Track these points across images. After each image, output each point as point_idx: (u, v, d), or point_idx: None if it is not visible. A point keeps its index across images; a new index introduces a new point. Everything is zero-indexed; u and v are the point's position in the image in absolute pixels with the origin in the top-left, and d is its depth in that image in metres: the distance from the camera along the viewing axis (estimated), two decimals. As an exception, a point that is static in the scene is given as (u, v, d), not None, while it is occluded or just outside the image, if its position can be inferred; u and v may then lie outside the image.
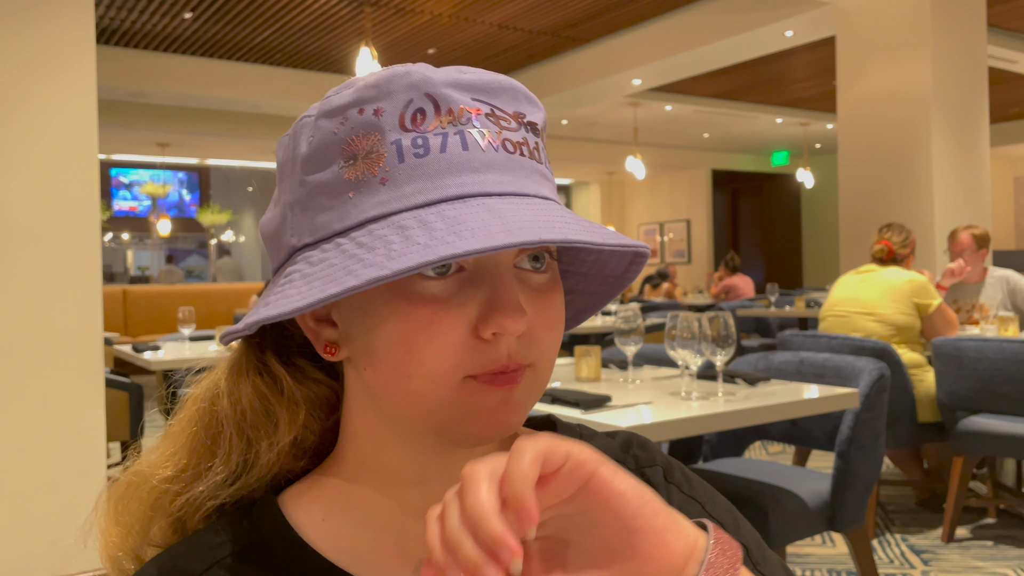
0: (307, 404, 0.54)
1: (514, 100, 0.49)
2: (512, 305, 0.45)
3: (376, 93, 0.47)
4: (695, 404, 1.89)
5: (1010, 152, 13.20)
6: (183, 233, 17.10)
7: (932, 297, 3.34)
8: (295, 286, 0.46)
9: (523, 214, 0.44)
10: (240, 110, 9.49)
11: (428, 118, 0.46)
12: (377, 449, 0.51)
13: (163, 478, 0.53)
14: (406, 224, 0.44)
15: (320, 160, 0.48)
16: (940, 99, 5.36)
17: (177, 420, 0.56)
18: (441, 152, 0.45)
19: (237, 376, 0.54)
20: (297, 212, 0.49)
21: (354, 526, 0.52)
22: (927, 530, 3.26)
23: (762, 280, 13.53)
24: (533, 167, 0.48)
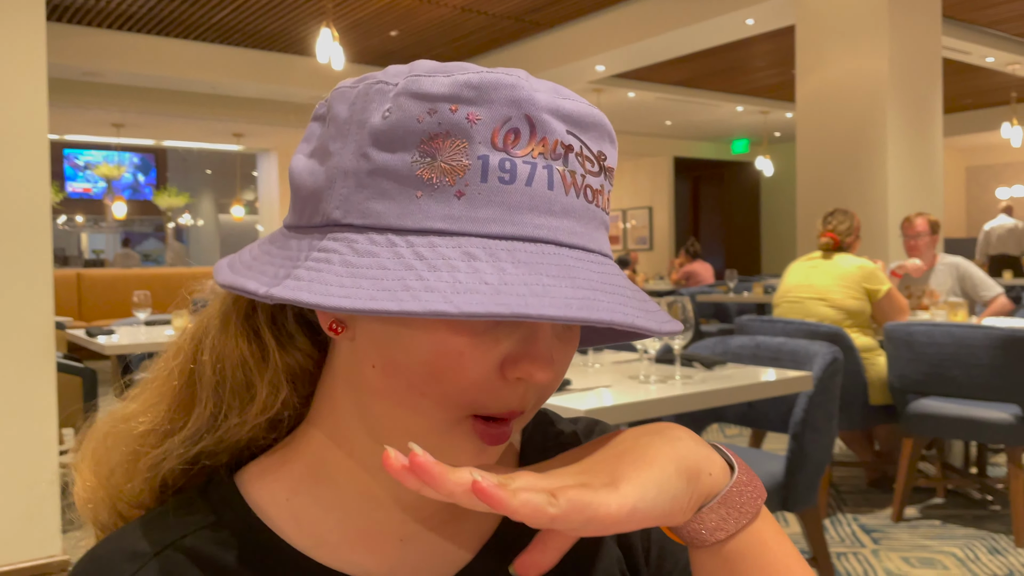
0: (289, 377, 0.52)
1: (600, 139, 0.47)
2: (545, 356, 0.45)
3: (475, 96, 0.44)
4: (653, 387, 1.91)
5: (962, 142, 13.51)
6: (139, 216, 16.78)
7: (881, 283, 3.41)
8: (335, 272, 0.42)
9: (592, 280, 0.43)
10: (197, 91, 9.32)
11: (521, 142, 0.43)
12: (351, 435, 0.50)
13: (141, 432, 0.52)
14: (475, 253, 0.41)
15: (393, 142, 0.44)
16: (895, 89, 5.46)
17: (158, 369, 0.55)
18: (527, 184, 0.43)
19: (224, 331, 0.52)
20: (351, 184, 0.44)
21: (319, 508, 0.51)
22: (877, 510, 3.35)
23: (722, 266, 13.71)
24: (602, 219, 0.48)
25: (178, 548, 0.49)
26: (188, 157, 16.44)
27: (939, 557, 2.85)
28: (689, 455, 0.45)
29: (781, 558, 0.47)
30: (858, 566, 2.78)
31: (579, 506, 0.40)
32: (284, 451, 0.53)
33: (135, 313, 3.97)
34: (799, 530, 3.07)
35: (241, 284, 0.45)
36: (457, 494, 0.39)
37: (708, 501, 0.45)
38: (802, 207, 5.87)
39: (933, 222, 3.93)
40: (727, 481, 0.46)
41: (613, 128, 0.49)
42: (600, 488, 0.41)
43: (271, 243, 0.49)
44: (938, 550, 2.91)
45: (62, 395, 2.85)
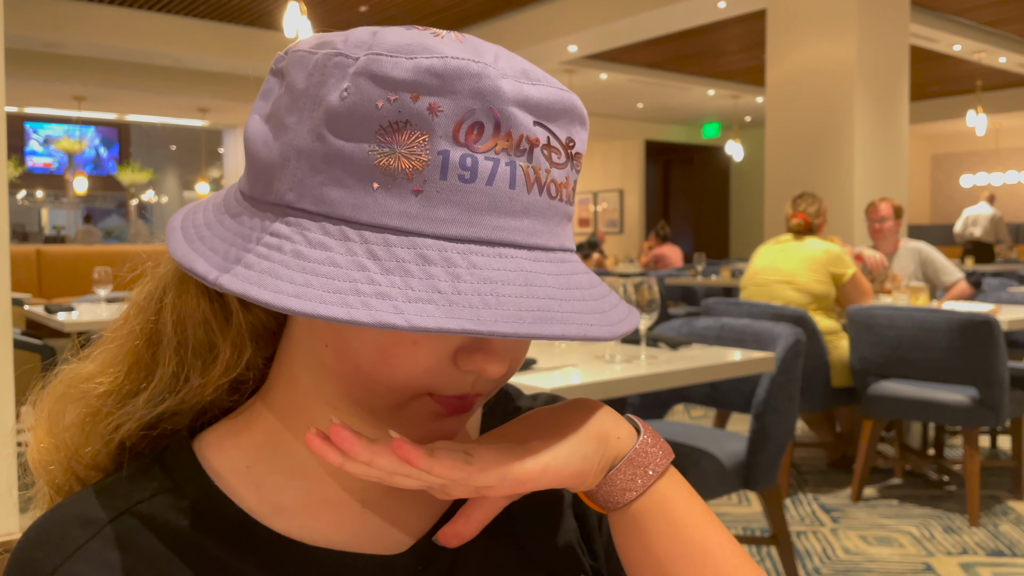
0: (252, 337, 0.51)
1: (569, 124, 0.46)
2: (499, 352, 0.45)
3: (438, 85, 0.41)
4: (619, 367, 1.91)
5: (928, 129, 13.71)
6: (101, 192, 16.46)
7: (847, 267, 3.45)
8: (286, 264, 0.40)
9: (548, 288, 0.42)
10: (161, 63, 9.13)
11: (484, 136, 0.42)
12: (313, 403, 0.50)
13: (100, 393, 0.51)
14: (429, 256, 0.40)
15: (351, 127, 0.42)
16: (863, 75, 5.51)
17: (116, 328, 0.53)
18: (487, 184, 0.42)
19: (184, 291, 0.50)
20: (304, 167, 0.43)
21: (280, 475, 0.50)
22: (837, 490, 3.41)
23: (691, 250, 13.81)
24: (565, 212, 0.46)
25: (133, 514, 0.48)
26: (152, 132, 16.14)
27: (896, 536, 2.90)
28: (598, 421, 0.49)
29: (688, 515, 0.49)
30: (817, 544, 2.83)
31: (494, 462, 0.43)
32: (244, 416, 0.53)
33: (96, 290, 3.90)
34: (760, 509, 3.11)
35: (191, 263, 0.44)
36: (377, 460, 0.41)
37: (617, 462, 0.49)
38: (770, 192, 5.92)
39: (897, 207, 3.99)
40: (634, 443, 0.49)
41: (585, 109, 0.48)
42: (514, 447, 0.45)
43: (225, 208, 0.47)
44: (895, 529, 2.97)
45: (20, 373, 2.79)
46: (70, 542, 0.47)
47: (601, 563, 0.59)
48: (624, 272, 8.19)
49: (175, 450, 0.51)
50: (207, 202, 0.50)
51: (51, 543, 0.47)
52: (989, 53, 8.89)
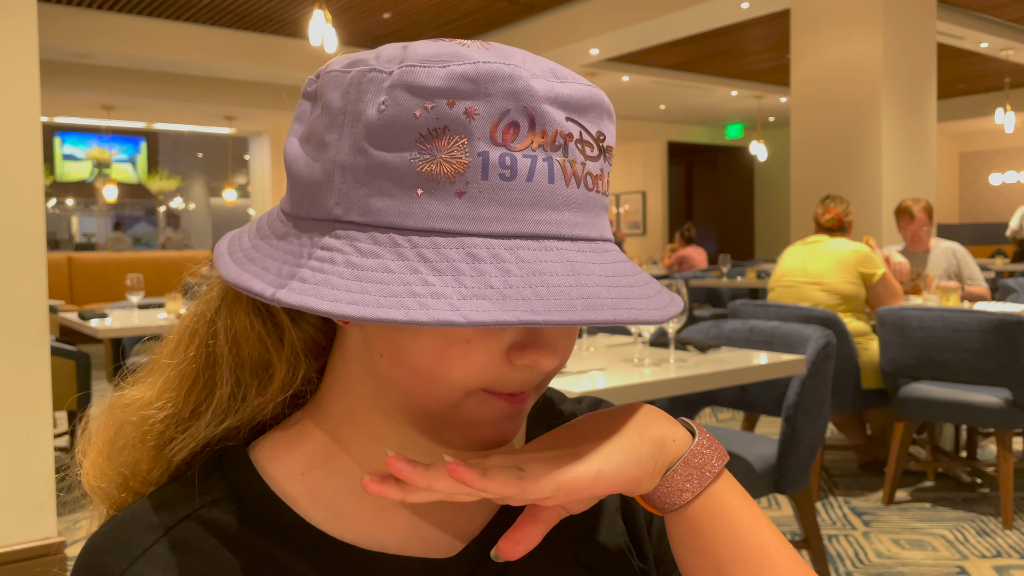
0: (304, 351, 0.53)
1: (598, 119, 0.47)
2: (551, 344, 0.46)
3: (472, 89, 0.43)
4: (647, 370, 1.92)
5: (956, 128, 13.53)
6: (130, 199, 16.68)
7: (877, 267, 3.43)
8: (340, 275, 0.42)
9: (595, 276, 0.44)
10: (188, 73, 9.24)
11: (521, 135, 0.43)
12: (364, 411, 0.51)
13: (162, 418, 0.53)
14: (478, 255, 0.42)
15: (391, 138, 0.43)
16: (890, 74, 5.45)
17: (169, 353, 0.54)
18: (527, 180, 0.43)
19: (235, 311, 0.52)
20: (349, 181, 0.44)
21: (333, 482, 0.52)
22: (868, 493, 3.38)
23: (715, 251, 13.73)
24: (603, 204, 0.48)
25: (195, 519, 0.50)
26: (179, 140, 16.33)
27: (929, 539, 2.87)
28: (653, 424, 0.50)
29: (744, 516, 0.50)
30: (849, 548, 2.81)
31: (546, 473, 0.44)
32: (298, 427, 0.54)
33: (128, 297, 3.96)
34: (791, 512, 3.09)
35: (246, 283, 0.45)
36: (435, 485, 0.42)
37: (673, 465, 0.49)
38: (796, 192, 5.88)
39: (929, 208, 3.95)
40: (689, 445, 0.50)
41: None
42: (566, 456, 0.45)
43: (271, 231, 0.48)
44: (928, 532, 2.94)
45: (55, 379, 2.85)
46: (136, 546, 0.48)
47: (651, 565, 0.59)
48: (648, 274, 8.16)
49: (232, 458, 0.53)
50: (250, 227, 0.51)
51: (117, 547, 0.49)
52: (1017, 50, 8.76)
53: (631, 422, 0.49)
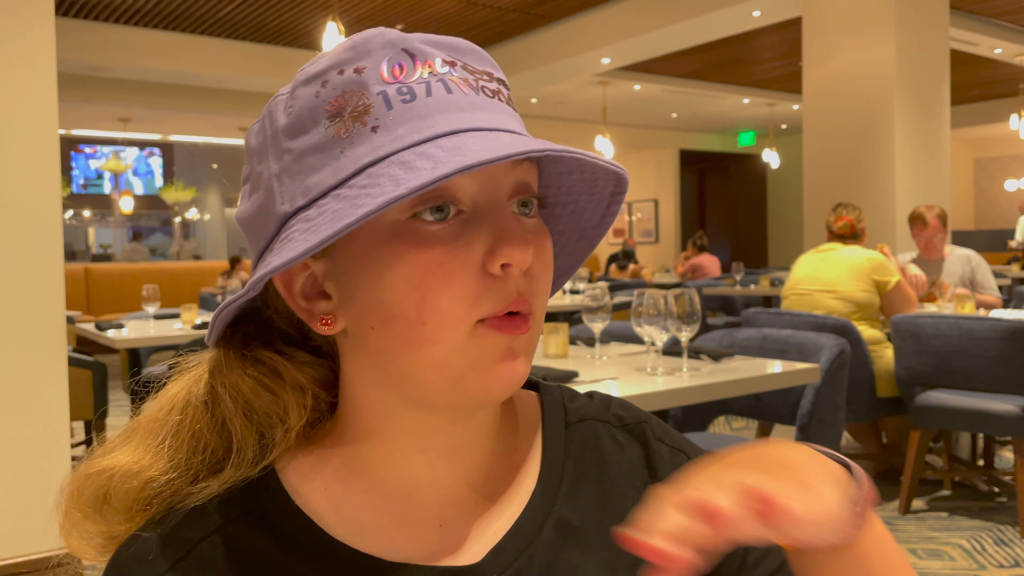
0: (311, 386, 0.54)
1: (480, 60, 0.50)
2: (519, 235, 0.47)
3: (354, 54, 0.48)
4: (661, 379, 1.92)
5: (970, 134, 13.45)
6: (146, 211, 16.81)
7: (891, 275, 3.41)
8: (295, 241, 0.45)
9: (515, 139, 0.45)
10: (204, 85, 9.32)
11: (409, 70, 0.47)
12: (381, 420, 0.52)
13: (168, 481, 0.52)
14: (406, 160, 0.44)
15: (304, 124, 0.47)
16: (903, 80, 5.44)
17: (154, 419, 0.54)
18: (427, 96, 0.46)
19: (227, 371, 0.52)
20: (285, 180, 0.48)
21: (357, 495, 0.52)
22: (884, 502, 3.36)
23: (728, 259, 13.69)
24: (511, 112, 0.50)
25: (220, 535, 0.50)
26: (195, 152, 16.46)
27: (946, 548, 2.85)
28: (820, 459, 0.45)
29: (896, 549, 0.49)
30: (865, 557, 2.79)
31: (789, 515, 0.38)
32: (319, 448, 0.54)
33: (144, 307, 3.99)
34: (806, 522, 3.08)
35: (221, 307, 0.49)
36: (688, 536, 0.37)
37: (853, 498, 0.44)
38: (809, 199, 5.86)
39: (943, 216, 3.93)
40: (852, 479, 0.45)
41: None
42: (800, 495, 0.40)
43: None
44: (945, 541, 2.92)
45: (72, 389, 2.88)
46: (161, 562, 0.49)
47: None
48: (661, 282, 8.15)
49: (259, 476, 0.53)
50: None
51: (142, 564, 0.49)
52: (1032, 55, 8.71)
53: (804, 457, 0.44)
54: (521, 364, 0.49)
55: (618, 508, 0.58)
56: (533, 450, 0.59)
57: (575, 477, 0.58)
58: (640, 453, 0.61)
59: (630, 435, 0.62)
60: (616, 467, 0.59)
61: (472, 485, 0.54)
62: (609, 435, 0.61)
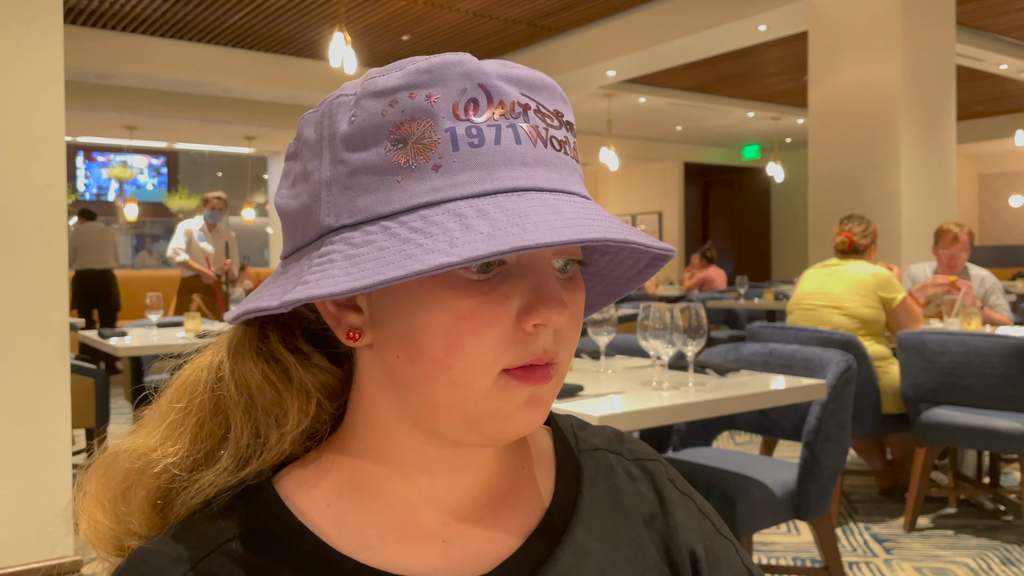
0: (316, 392, 0.53)
1: (553, 99, 0.50)
2: (557, 297, 0.47)
3: (429, 79, 0.46)
4: (666, 394, 1.90)
5: (975, 149, 13.44)
6: (151, 218, 16.85)
7: (897, 291, 3.40)
8: (338, 267, 0.44)
9: (578, 212, 0.45)
10: (210, 93, 9.36)
11: (481, 109, 0.46)
12: (389, 437, 0.51)
13: (169, 464, 0.52)
14: (464, 212, 0.43)
15: (365, 140, 0.46)
16: (909, 96, 5.43)
17: (169, 401, 0.54)
18: (496, 144, 0.46)
19: (240, 360, 0.52)
20: (335, 191, 0.47)
21: (361, 511, 0.52)
22: (889, 519, 3.33)
23: (732, 272, 13.67)
24: (574, 167, 0.50)
25: (223, 552, 0.49)
26: (200, 160, 16.50)
27: (951, 567, 2.82)
28: None
29: None
30: (870, 575, 2.76)
31: None
32: (323, 459, 0.54)
33: (147, 315, 3.98)
34: (810, 538, 3.05)
35: (250, 307, 0.47)
36: None
37: None
38: (814, 213, 5.85)
39: (972, 236, 3.93)
40: None
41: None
42: None
43: (272, 276, 0.51)
44: (951, 560, 2.89)
45: (74, 396, 2.87)
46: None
47: None
48: (665, 295, 8.13)
49: (256, 491, 0.52)
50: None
51: None
52: (1038, 71, 8.72)
53: None
54: (541, 412, 0.49)
55: (633, 536, 0.57)
56: (543, 472, 0.58)
57: (590, 501, 0.58)
58: (652, 491, 0.61)
59: (643, 472, 0.62)
60: (630, 498, 0.59)
61: (477, 504, 0.54)
62: (622, 467, 0.61)
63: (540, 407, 0.49)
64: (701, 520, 0.61)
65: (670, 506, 0.60)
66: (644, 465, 0.62)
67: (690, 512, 0.61)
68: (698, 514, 0.61)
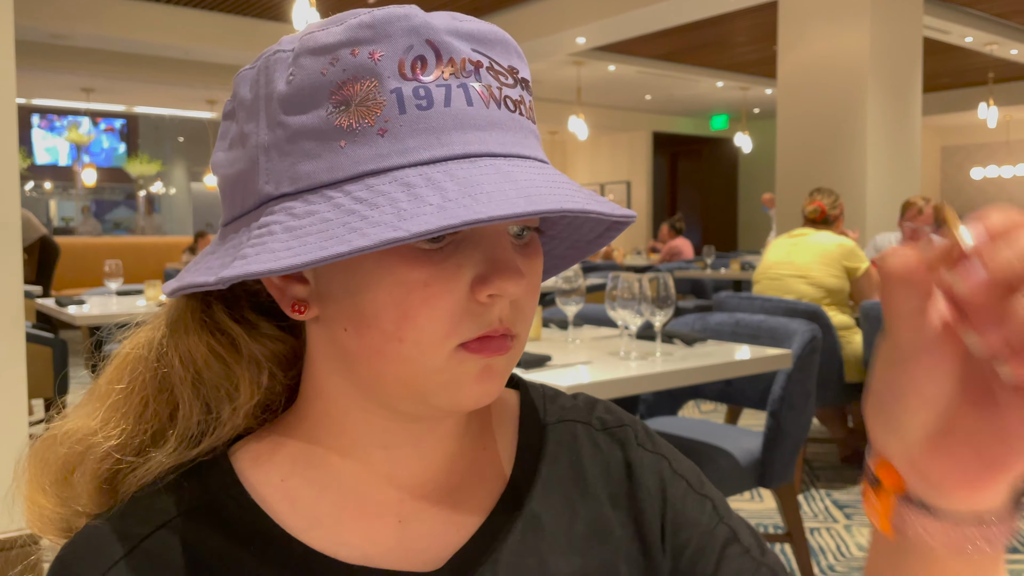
0: (267, 363, 0.51)
1: (507, 53, 0.47)
2: (512, 267, 0.45)
3: (372, 34, 0.43)
4: (634, 364, 1.90)
5: (939, 122, 13.61)
6: (110, 184, 16.48)
7: (861, 261, 3.43)
8: (279, 240, 0.41)
9: (534, 179, 0.42)
10: (169, 56, 9.11)
11: (430, 67, 0.43)
12: (343, 412, 0.50)
13: (113, 447, 0.50)
14: (412, 182, 0.41)
15: (304, 102, 0.43)
16: (876, 67, 5.46)
17: (108, 381, 0.52)
18: (445, 106, 0.43)
19: (183, 334, 0.50)
20: (274, 157, 0.44)
21: (314, 488, 0.50)
22: (850, 486, 3.39)
23: (699, 243, 13.76)
24: (530, 128, 0.47)
25: (170, 529, 0.47)
26: (160, 124, 16.14)
27: (910, 532, 2.89)
28: None
29: None
30: (831, 541, 2.82)
31: None
32: (277, 433, 0.52)
33: (106, 283, 3.90)
34: (773, 505, 3.10)
35: (188, 281, 0.45)
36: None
37: None
38: (781, 183, 5.88)
39: (939, 211, 3.97)
40: None
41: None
42: None
43: (211, 246, 0.48)
44: (909, 525, 2.95)
45: (31, 366, 2.79)
46: (107, 556, 0.46)
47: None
48: (633, 264, 8.16)
49: (211, 464, 0.51)
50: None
51: (88, 558, 0.47)
52: (1001, 45, 8.81)
53: None
54: (496, 384, 0.47)
55: (596, 514, 0.56)
56: (505, 449, 0.57)
57: (548, 479, 0.56)
58: (620, 457, 0.59)
59: (611, 439, 0.60)
60: (592, 471, 0.58)
61: (435, 482, 0.52)
62: (588, 437, 0.59)
63: (495, 379, 0.47)
64: (675, 481, 0.58)
65: (640, 475, 0.58)
66: (613, 433, 0.60)
67: (663, 474, 0.58)
68: (672, 474, 0.59)
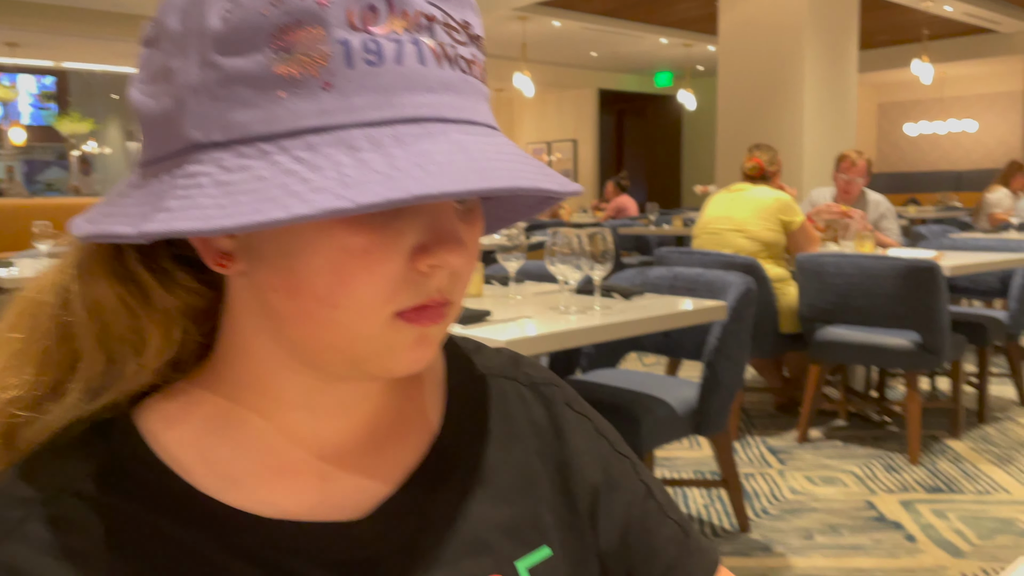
0: (181, 316, 0.48)
1: (461, 6, 0.44)
2: (455, 237, 0.43)
3: None
4: (573, 317, 1.93)
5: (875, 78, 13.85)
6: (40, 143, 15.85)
7: (796, 215, 3.51)
8: (208, 195, 0.38)
9: (485, 151, 0.40)
10: (99, 7, 8.74)
11: (380, 17, 0.40)
12: (266, 371, 0.48)
13: (9, 400, 0.46)
14: (357, 144, 0.38)
15: (241, 43, 0.39)
16: (814, 23, 5.53)
17: (8, 328, 0.48)
18: (397, 63, 0.40)
19: (90, 280, 0.46)
20: (204, 100, 0.40)
21: (232, 448, 0.48)
22: (784, 432, 3.52)
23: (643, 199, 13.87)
24: (482, 91, 0.45)
25: (74, 493, 0.44)
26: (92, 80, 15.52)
27: (840, 475, 3.02)
28: None
29: None
30: (765, 485, 2.93)
31: None
32: (188, 395, 0.49)
33: (36, 245, 3.78)
34: (710, 452, 3.20)
35: (105, 230, 0.41)
36: None
37: None
38: (722, 140, 5.95)
39: (870, 164, 4.05)
40: None
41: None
42: None
43: (127, 186, 0.44)
44: (839, 469, 3.09)
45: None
46: (3, 523, 0.43)
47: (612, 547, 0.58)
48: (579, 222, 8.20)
49: (114, 423, 0.47)
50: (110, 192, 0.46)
51: None
52: (936, 2, 8.98)
53: None
54: (431, 351, 0.47)
55: (523, 464, 0.56)
56: (432, 402, 0.56)
57: (476, 429, 0.56)
58: (546, 415, 0.59)
59: (537, 395, 0.60)
60: (520, 423, 0.58)
61: (358, 439, 0.51)
62: (516, 392, 0.59)
63: (430, 346, 0.46)
64: (598, 440, 0.60)
65: (566, 433, 0.58)
66: (540, 390, 0.60)
67: (587, 433, 0.59)
68: (595, 434, 0.60)
